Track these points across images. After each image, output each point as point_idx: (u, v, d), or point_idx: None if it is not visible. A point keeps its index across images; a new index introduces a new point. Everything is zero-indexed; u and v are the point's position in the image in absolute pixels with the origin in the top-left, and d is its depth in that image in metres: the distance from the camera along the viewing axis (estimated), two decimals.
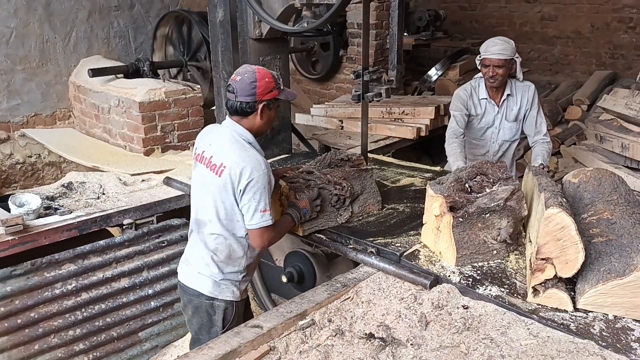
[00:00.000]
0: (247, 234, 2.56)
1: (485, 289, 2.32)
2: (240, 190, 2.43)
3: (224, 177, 2.45)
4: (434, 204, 2.55)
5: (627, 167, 4.56)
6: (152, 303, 3.58)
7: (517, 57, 3.49)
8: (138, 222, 3.56)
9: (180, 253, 3.63)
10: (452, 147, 3.47)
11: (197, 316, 2.69)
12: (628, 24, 7.25)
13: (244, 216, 2.50)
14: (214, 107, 4.62)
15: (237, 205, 2.49)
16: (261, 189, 2.44)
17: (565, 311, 2.14)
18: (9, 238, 3.07)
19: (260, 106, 2.49)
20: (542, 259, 2.15)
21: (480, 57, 3.49)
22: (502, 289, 2.31)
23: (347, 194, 2.98)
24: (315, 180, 2.95)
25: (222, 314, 2.64)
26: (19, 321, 3.08)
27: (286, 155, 4.28)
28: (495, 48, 3.39)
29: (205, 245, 2.59)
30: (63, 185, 3.83)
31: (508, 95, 3.57)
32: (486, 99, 3.60)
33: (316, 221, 2.91)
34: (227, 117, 2.57)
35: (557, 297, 2.15)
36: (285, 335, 2.16)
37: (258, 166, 2.43)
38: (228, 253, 2.59)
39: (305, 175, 3.00)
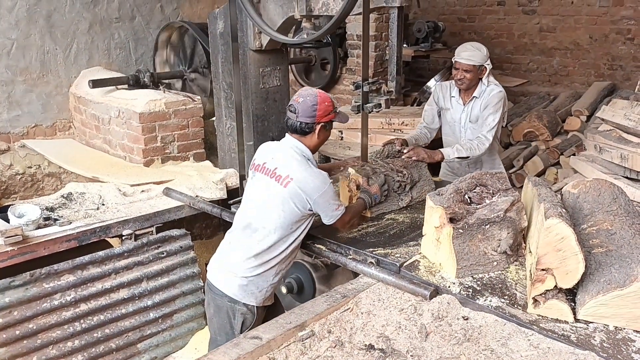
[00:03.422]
0: (293, 241, 2.72)
1: (485, 300, 2.31)
2: (314, 202, 2.64)
3: (290, 188, 2.62)
4: (434, 215, 2.55)
5: (627, 177, 4.55)
6: (151, 314, 3.56)
7: (487, 64, 3.63)
8: (137, 232, 3.56)
9: (180, 264, 3.67)
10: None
11: (217, 316, 2.78)
12: (626, 36, 7.28)
13: (322, 217, 2.75)
14: (213, 118, 4.64)
15: (299, 212, 2.65)
16: (332, 195, 2.71)
17: (566, 322, 2.13)
18: (8, 249, 3.07)
19: (318, 127, 2.71)
20: (542, 270, 2.15)
21: (454, 59, 3.69)
22: (503, 300, 2.31)
23: (407, 180, 3.31)
24: (380, 169, 3.29)
25: (241, 319, 2.71)
26: (17, 332, 3.07)
27: None
28: (465, 53, 3.61)
29: (249, 248, 2.69)
30: (62, 196, 3.83)
31: (475, 97, 3.71)
32: (455, 97, 3.80)
33: (381, 205, 3.25)
34: (287, 134, 2.78)
35: (558, 308, 2.14)
36: (284, 347, 2.15)
37: (325, 179, 2.67)
38: (268, 259, 2.68)
39: (372, 164, 3.36)
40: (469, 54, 3.58)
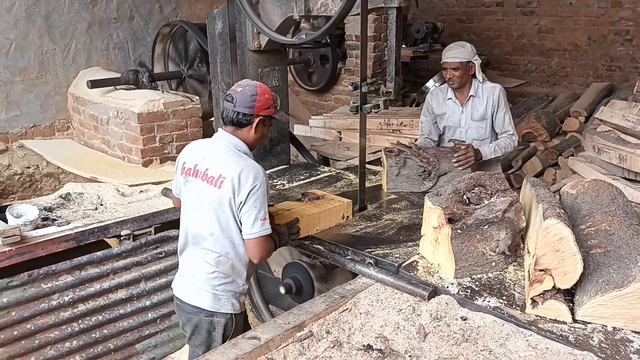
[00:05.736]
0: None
1: (484, 301, 2.31)
2: (242, 201, 2.42)
3: (225, 188, 2.43)
4: (433, 216, 2.55)
5: (625, 178, 4.56)
6: (150, 314, 3.56)
7: (475, 60, 3.65)
8: (136, 233, 3.55)
9: (178, 264, 3.66)
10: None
11: (197, 334, 2.66)
12: (625, 37, 7.30)
13: (243, 225, 2.48)
14: (212, 119, 4.64)
15: (233, 216, 2.48)
16: (262, 197, 2.45)
17: (564, 322, 2.13)
18: (6, 249, 3.05)
19: (257, 120, 2.52)
20: (541, 270, 2.15)
21: (442, 60, 3.73)
22: (501, 301, 2.31)
23: (431, 168, 3.51)
24: (406, 152, 3.52)
25: (222, 330, 2.61)
26: (15, 333, 3.06)
27: (284, 166, 4.28)
28: (449, 52, 3.65)
29: (206, 259, 2.56)
30: (61, 196, 3.82)
31: (472, 96, 3.72)
32: (451, 99, 3.79)
33: (402, 184, 3.56)
34: (220, 128, 2.59)
35: (556, 309, 2.14)
36: (283, 347, 2.15)
37: (258, 174, 2.45)
38: (231, 265, 2.57)
39: (402, 147, 3.58)
40: (454, 52, 3.62)
